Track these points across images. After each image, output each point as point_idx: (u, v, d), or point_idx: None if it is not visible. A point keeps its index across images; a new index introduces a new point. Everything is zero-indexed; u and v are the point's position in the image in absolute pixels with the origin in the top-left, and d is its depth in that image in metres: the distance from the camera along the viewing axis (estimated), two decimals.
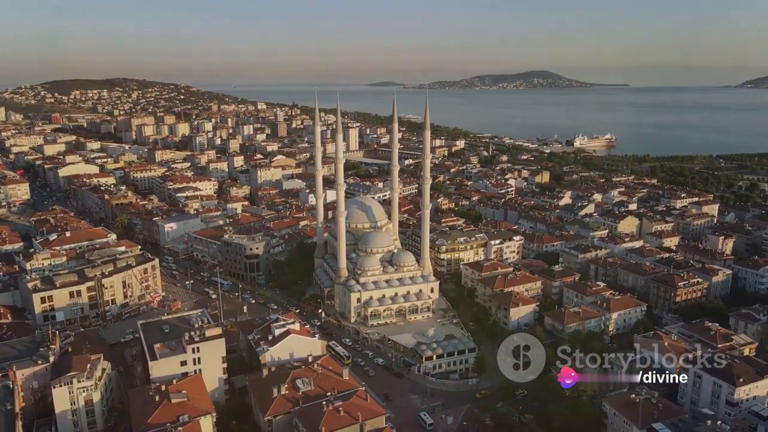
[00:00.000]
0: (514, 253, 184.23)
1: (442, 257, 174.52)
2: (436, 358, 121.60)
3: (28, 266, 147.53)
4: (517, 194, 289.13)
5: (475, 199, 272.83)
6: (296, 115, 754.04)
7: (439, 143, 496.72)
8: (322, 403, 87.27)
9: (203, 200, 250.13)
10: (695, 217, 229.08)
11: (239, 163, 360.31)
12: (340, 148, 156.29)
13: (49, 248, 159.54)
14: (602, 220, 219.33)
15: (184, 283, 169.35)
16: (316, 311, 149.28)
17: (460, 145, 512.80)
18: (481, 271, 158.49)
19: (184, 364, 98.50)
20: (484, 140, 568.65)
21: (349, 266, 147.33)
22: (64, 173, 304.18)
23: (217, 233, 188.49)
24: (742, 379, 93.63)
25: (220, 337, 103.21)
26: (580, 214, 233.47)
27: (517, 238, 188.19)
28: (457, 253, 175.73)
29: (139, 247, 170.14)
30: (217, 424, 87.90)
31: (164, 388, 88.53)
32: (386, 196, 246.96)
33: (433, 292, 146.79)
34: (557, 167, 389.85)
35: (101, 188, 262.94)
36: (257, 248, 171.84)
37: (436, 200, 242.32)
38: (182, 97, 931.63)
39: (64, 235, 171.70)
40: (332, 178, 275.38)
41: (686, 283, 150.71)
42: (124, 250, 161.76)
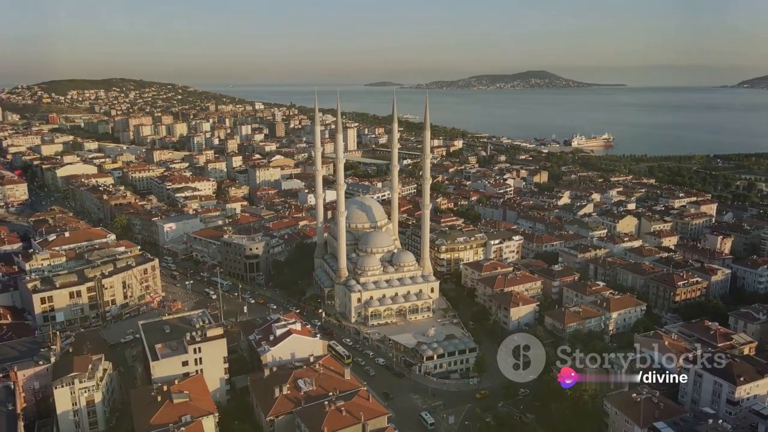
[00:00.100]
0: (513, 252, 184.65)
1: (441, 257, 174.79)
2: (436, 357, 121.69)
3: (27, 267, 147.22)
4: (515, 194, 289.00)
5: (473, 199, 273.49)
6: (294, 115, 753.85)
7: (437, 143, 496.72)
8: (324, 403, 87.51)
9: (202, 200, 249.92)
10: (693, 216, 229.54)
11: (238, 163, 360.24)
12: (340, 147, 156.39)
13: (48, 249, 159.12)
14: (601, 219, 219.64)
15: (183, 283, 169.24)
16: (316, 311, 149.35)
17: (458, 145, 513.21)
18: (480, 270, 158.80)
19: (185, 364, 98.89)
20: (482, 140, 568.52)
21: (349, 266, 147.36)
22: (62, 173, 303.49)
23: (216, 233, 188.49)
24: (742, 378, 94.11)
25: (221, 337, 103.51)
26: (578, 213, 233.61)
27: (516, 237, 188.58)
28: (456, 252, 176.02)
29: (138, 247, 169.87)
30: (219, 424, 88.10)
31: (166, 388, 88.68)
32: (385, 196, 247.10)
33: (433, 291, 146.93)
34: (555, 167, 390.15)
35: (100, 188, 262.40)
36: (257, 248, 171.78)
37: (435, 200, 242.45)
38: (180, 97, 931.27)
39: (63, 235, 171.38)
40: (331, 178, 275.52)
41: (685, 282, 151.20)
42: (123, 250, 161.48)
